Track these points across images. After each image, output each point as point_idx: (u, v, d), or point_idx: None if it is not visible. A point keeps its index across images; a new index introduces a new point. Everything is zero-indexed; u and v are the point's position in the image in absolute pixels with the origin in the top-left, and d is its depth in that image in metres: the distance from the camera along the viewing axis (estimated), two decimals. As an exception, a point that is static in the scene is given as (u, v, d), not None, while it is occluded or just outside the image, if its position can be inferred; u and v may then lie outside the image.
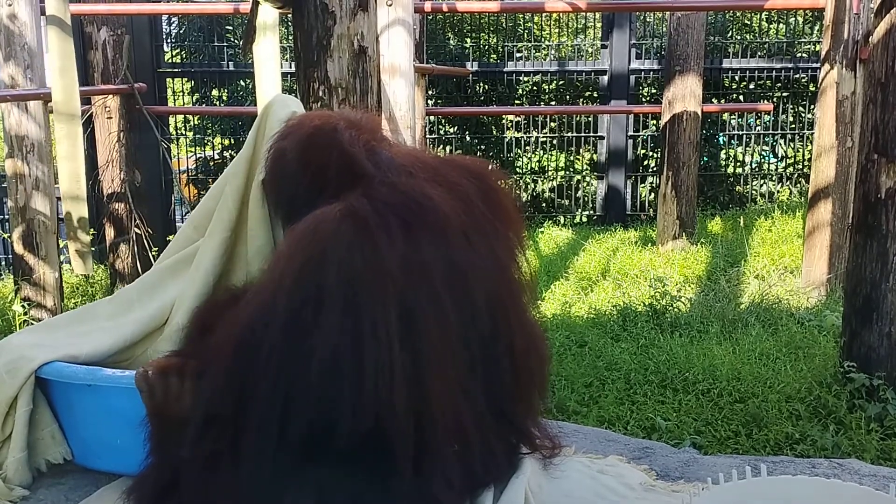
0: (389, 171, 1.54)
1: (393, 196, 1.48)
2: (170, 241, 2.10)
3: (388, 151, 1.60)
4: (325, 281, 1.38)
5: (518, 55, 8.70)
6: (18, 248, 4.72)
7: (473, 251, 1.52)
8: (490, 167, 1.72)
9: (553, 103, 8.67)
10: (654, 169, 8.41)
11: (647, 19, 8.72)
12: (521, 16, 8.70)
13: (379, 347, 1.37)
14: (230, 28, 8.52)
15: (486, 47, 8.82)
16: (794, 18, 8.62)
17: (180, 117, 8.57)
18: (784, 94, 8.50)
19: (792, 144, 8.66)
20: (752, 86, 8.54)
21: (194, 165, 8.66)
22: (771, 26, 8.70)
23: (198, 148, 8.71)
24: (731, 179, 8.71)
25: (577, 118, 8.65)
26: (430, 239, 1.46)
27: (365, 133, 1.61)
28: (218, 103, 8.61)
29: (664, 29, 7.98)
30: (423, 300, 1.43)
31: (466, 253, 1.51)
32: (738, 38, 8.63)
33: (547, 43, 8.77)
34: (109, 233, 6.27)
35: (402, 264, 1.41)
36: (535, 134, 8.69)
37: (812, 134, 7.00)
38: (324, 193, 1.52)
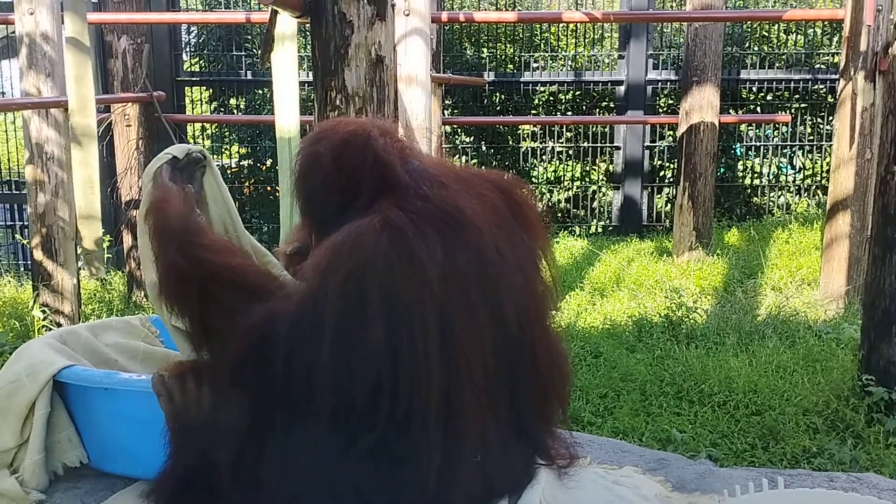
0: (422, 181, 1.54)
1: (428, 208, 1.48)
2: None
3: (418, 161, 1.60)
4: (367, 294, 1.39)
5: (534, 65, 8.71)
6: (37, 254, 4.76)
7: (505, 264, 1.53)
8: (516, 181, 1.73)
9: (569, 113, 8.66)
10: (671, 179, 8.38)
11: (665, 30, 8.71)
12: (537, 26, 8.71)
13: (417, 360, 1.38)
14: (248, 37, 8.59)
15: (503, 57, 8.84)
16: (812, 30, 8.58)
17: (198, 125, 8.64)
18: (802, 106, 8.45)
19: (810, 156, 8.60)
20: (769, 97, 8.51)
21: (212, 173, 8.71)
22: (789, 37, 8.67)
23: (215, 156, 8.77)
24: (749, 191, 8.66)
25: (594, 128, 8.63)
26: (466, 251, 1.47)
27: (396, 141, 1.61)
28: (236, 112, 8.67)
29: (681, 39, 7.97)
30: (461, 313, 1.44)
31: (498, 266, 1.51)
32: (756, 49, 8.60)
33: (563, 53, 8.78)
34: (127, 239, 6.32)
35: (441, 276, 1.41)
36: (551, 144, 8.69)
37: (830, 145, 6.96)
38: (357, 200, 1.53)
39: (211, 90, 8.66)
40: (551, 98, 8.67)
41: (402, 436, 1.40)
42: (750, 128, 8.59)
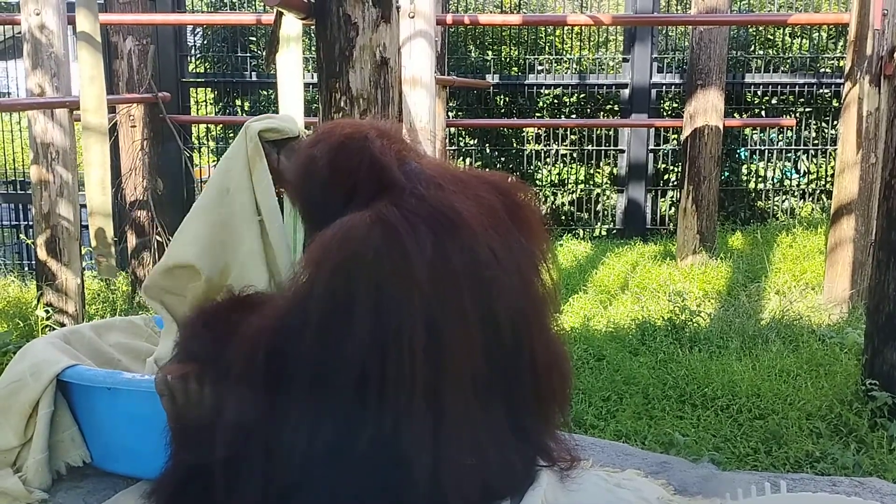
0: (419, 182, 1.54)
1: (422, 207, 1.48)
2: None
3: (416, 162, 1.61)
4: (355, 287, 1.39)
5: (539, 68, 8.71)
6: (42, 254, 4.77)
7: (499, 266, 1.53)
8: (516, 183, 1.73)
9: (573, 116, 8.65)
10: (675, 183, 8.37)
11: (669, 33, 8.70)
12: (542, 29, 8.71)
13: (402, 358, 1.38)
14: (253, 39, 8.60)
15: (507, 60, 8.84)
16: (817, 34, 8.57)
17: (203, 127, 8.65)
18: (807, 110, 8.44)
19: (814, 160, 8.59)
20: (774, 101, 8.49)
21: (216, 174, 8.72)
22: (794, 41, 8.66)
23: (219, 157, 8.78)
24: (753, 195, 8.65)
25: (598, 131, 8.63)
26: (458, 252, 1.47)
27: (395, 143, 1.62)
28: (241, 113, 8.68)
29: (686, 43, 7.96)
30: (449, 312, 1.44)
31: (492, 267, 1.51)
32: (761, 52, 8.60)
33: (568, 56, 8.78)
34: (131, 240, 6.33)
35: (430, 274, 1.41)
36: (555, 147, 8.69)
37: (835, 150, 6.95)
38: (353, 201, 1.53)
39: (216, 91, 8.67)
40: (555, 101, 8.67)
41: (392, 436, 1.40)
42: (754, 131, 8.58)
